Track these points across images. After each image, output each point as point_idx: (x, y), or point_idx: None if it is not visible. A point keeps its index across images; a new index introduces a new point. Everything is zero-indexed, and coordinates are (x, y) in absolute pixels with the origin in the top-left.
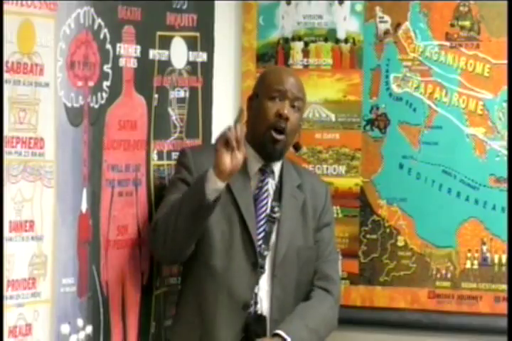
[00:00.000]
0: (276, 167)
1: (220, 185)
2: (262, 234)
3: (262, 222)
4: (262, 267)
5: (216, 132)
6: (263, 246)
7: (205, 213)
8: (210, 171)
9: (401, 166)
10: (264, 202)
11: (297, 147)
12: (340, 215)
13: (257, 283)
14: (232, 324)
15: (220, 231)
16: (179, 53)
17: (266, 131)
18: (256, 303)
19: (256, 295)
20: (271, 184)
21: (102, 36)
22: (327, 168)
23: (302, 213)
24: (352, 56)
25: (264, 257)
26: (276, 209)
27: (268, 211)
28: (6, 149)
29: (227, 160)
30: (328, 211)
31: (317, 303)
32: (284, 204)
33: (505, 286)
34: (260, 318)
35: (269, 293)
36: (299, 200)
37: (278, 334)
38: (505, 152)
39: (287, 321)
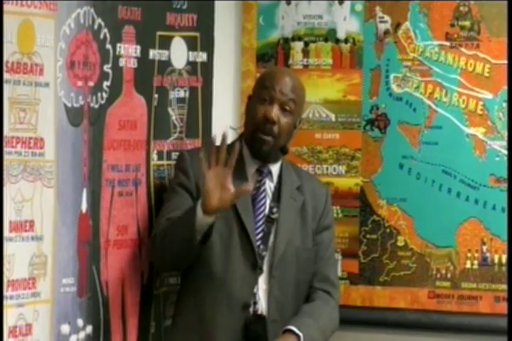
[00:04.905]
0: (275, 168)
1: (208, 219)
2: (260, 235)
3: (260, 223)
4: (261, 268)
5: (216, 132)
6: (261, 246)
7: (197, 247)
8: (198, 205)
9: (401, 166)
10: (262, 202)
11: (284, 150)
12: (340, 215)
13: (256, 283)
14: (232, 324)
15: (219, 233)
16: (179, 53)
17: (253, 133)
18: (255, 303)
19: (255, 295)
20: (268, 185)
21: (102, 36)
22: (327, 168)
23: (301, 214)
24: (352, 56)
25: (262, 257)
26: (274, 209)
27: (266, 212)
28: (6, 149)
29: (216, 196)
30: (329, 214)
31: (323, 304)
32: (283, 205)
33: (505, 286)
34: (260, 318)
35: (267, 293)
36: (298, 202)
37: (289, 330)
38: (505, 152)
39: (297, 318)
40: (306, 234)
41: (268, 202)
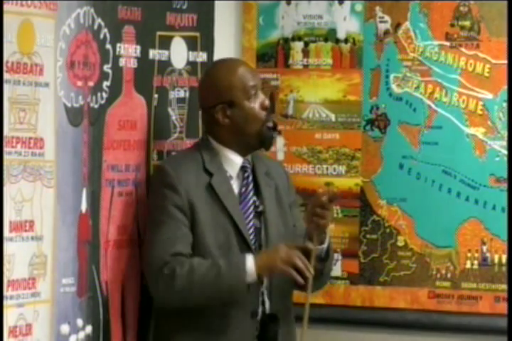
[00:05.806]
0: (250, 157)
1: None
2: (252, 230)
3: (249, 219)
4: None
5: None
6: (257, 243)
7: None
8: (251, 263)
9: (401, 166)
10: (248, 198)
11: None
12: (340, 215)
13: (261, 283)
14: (242, 332)
15: (217, 244)
16: (179, 53)
17: (261, 127)
18: (263, 302)
19: (263, 294)
20: (251, 178)
21: (102, 36)
22: (327, 168)
23: (277, 199)
24: (352, 56)
25: None
26: (257, 202)
27: (252, 206)
28: (6, 149)
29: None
30: (292, 189)
31: None
32: (263, 195)
33: (505, 286)
34: (272, 317)
35: (268, 287)
36: (272, 187)
37: None
38: (505, 152)
39: None
40: (286, 217)
41: (251, 195)
